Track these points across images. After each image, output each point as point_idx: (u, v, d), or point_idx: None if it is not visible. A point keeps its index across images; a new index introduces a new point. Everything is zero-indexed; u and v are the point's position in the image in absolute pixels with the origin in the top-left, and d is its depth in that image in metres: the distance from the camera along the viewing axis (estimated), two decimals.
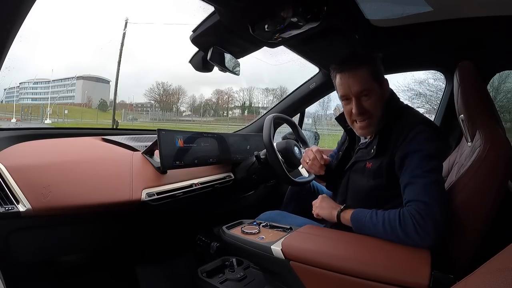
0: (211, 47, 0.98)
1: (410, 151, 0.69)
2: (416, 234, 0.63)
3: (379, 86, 0.78)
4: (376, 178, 0.76)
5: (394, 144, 0.73)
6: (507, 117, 2.18)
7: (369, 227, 0.70)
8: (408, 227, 0.64)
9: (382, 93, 0.79)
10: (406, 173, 0.69)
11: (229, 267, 1.06)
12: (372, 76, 0.76)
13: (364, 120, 0.79)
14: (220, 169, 1.21)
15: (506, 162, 0.65)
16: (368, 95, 0.76)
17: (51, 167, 0.81)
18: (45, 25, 47.39)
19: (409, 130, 0.71)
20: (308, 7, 0.79)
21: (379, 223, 0.68)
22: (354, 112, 0.78)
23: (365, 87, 0.76)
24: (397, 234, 0.65)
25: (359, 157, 0.83)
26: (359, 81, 0.76)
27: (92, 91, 25.26)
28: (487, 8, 0.86)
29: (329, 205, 0.81)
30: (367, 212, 0.72)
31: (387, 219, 0.67)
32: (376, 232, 0.68)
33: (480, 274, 0.34)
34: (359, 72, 0.76)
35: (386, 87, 0.81)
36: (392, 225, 0.66)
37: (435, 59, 1.32)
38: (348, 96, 0.78)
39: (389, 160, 0.73)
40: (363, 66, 0.76)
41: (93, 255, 1.01)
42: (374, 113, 0.78)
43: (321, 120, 12.56)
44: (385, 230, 0.67)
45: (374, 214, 0.70)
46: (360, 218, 0.72)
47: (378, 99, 0.78)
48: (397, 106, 0.81)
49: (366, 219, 0.70)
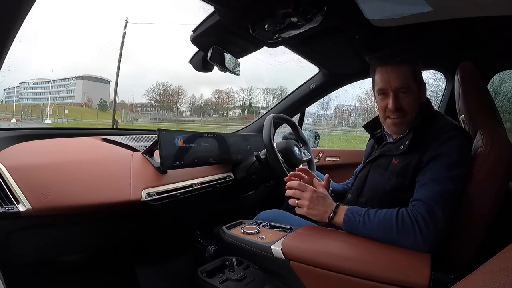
0: (211, 47, 0.99)
1: (439, 154, 0.68)
2: (414, 236, 0.62)
3: (418, 87, 0.77)
4: (399, 176, 0.73)
5: (426, 145, 0.71)
6: (507, 117, 2.18)
7: (362, 232, 0.68)
8: (406, 227, 0.63)
9: (420, 95, 0.78)
10: (427, 174, 0.68)
11: (229, 267, 1.06)
12: (413, 76, 0.76)
13: (398, 118, 0.77)
14: (220, 169, 1.21)
15: (507, 162, 0.65)
16: (407, 92, 0.75)
17: (51, 167, 0.81)
18: (45, 25, 47.47)
19: (443, 133, 0.70)
20: (308, 7, 0.79)
21: (374, 228, 0.66)
22: (390, 107, 0.76)
23: (405, 84, 0.75)
24: (392, 233, 0.64)
25: (385, 151, 0.81)
26: (401, 77, 0.75)
27: (92, 91, 25.28)
28: (487, 8, 0.86)
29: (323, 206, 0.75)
30: (359, 215, 0.69)
31: (382, 219, 0.66)
32: (372, 236, 0.67)
33: (480, 274, 0.34)
34: (402, 68, 0.75)
35: (424, 90, 0.79)
36: (387, 224, 0.65)
37: (435, 59, 1.32)
38: (386, 90, 0.77)
39: (418, 160, 0.71)
40: (406, 63, 0.75)
41: (93, 255, 1.01)
42: (409, 112, 0.76)
43: (321, 120, 12.45)
44: (379, 232, 0.66)
45: (367, 219, 0.68)
46: (352, 222, 0.70)
47: (415, 99, 0.76)
48: (432, 111, 0.80)
49: (359, 226, 0.68)
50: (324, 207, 0.75)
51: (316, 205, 0.75)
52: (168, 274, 1.16)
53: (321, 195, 0.76)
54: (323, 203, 0.75)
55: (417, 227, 0.62)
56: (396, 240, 0.64)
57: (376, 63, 0.79)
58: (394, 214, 0.66)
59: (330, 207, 0.74)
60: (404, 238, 0.63)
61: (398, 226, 0.64)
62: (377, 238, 0.67)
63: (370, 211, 0.69)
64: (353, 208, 0.72)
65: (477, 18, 0.90)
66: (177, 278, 1.17)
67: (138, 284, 1.06)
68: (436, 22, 0.95)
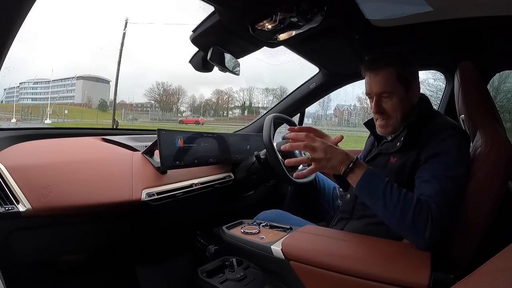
0: (211, 47, 0.99)
1: (437, 152, 0.67)
2: (423, 229, 0.60)
3: (404, 89, 0.76)
4: (397, 175, 0.73)
5: (423, 143, 0.70)
6: (507, 117, 2.18)
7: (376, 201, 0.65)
8: (421, 217, 0.61)
9: (407, 97, 0.77)
10: (427, 171, 0.67)
11: (229, 267, 1.05)
12: (398, 78, 0.75)
13: (383, 120, 0.78)
14: (220, 169, 1.21)
15: (507, 162, 0.65)
16: (389, 96, 0.76)
17: (51, 167, 0.81)
18: (45, 25, 47.39)
19: (440, 132, 0.70)
20: (308, 7, 0.79)
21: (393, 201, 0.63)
22: (372, 110, 0.78)
23: (386, 89, 0.75)
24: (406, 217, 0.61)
25: (383, 150, 0.81)
26: (381, 82, 0.75)
27: (92, 91, 25.25)
28: (487, 8, 0.86)
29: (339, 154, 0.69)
30: (381, 182, 0.65)
31: (403, 196, 0.63)
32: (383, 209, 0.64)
33: (480, 274, 0.34)
34: (383, 72, 0.75)
35: (415, 90, 0.78)
36: (407, 204, 0.62)
37: (435, 59, 1.32)
38: (370, 94, 0.79)
39: (415, 158, 0.71)
40: (389, 67, 0.75)
41: (93, 255, 1.01)
42: (392, 115, 0.77)
43: (321, 120, 12.50)
44: (395, 208, 0.62)
45: (389, 189, 0.64)
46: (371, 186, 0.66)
47: (400, 101, 0.76)
48: (429, 110, 0.80)
49: (379, 191, 0.64)
50: (340, 156, 0.68)
51: (331, 155, 0.68)
52: (168, 274, 1.16)
53: (333, 146, 0.70)
54: (336, 152, 0.69)
55: (430, 223, 0.60)
56: (403, 225, 0.62)
57: (363, 67, 0.80)
58: (416, 197, 0.63)
59: (346, 157, 0.69)
60: (414, 227, 0.61)
61: (415, 212, 0.61)
62: (387, 213, 0.64)
63: (393, 182, 0.66)
64: (375, 170, 0.69)
65: (477, 18, 0.90)
66: (177, 278, 1.17)
67: (138, 284, 1.06)
68: (436, 22, 0.95)
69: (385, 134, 0.82)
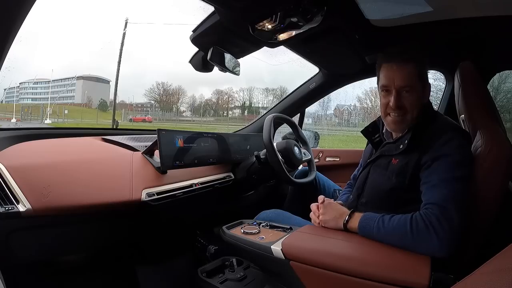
0: (211, 47, 0.99)
1: (441, 155, 0.67)
2: (429, 240, 0.60)
3: (422, 87, 0.76)
4: (399, 176, 0.73)
5: (426, 145, 0.70)
6: (507, 117, 2.17)
7: (377, 238, 0.67)
8: (421, 232, 0.61)
9: (423, 95, 0.77)
10: (434, 175, 0.67)
11: (229, 267, 1.05)
12: (418, 75, 0.75)
13: (399, 116, 0.77)
14: (220, 169, 1.21)
15: (507, 162, 0.65)
16: (410, 91, 0.75)
17: (51, 167, 0.81)
18: (44, 25, 47.35)
19: (442, 134, 0.70)
20: (308, 7, 0.79)
21: (388, 233, 0.65)
22: (392, 105, 0.76)
23: (409, 83, 0.75)
24: (407, 239, 0.63)
25: (385, 151, 0.81)
26: (405, 75, 0.74)
27: (92, 91, 25.23)
28: (487, 8, 0.86)
29: (334, 214, 0.77)
30: (374, 221, 0.68)
31: (396, 224, 0.65)
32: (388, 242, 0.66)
33: (480, 274, 0.34)
34: (407, 66, 0.75)
35: (428, 91, 0.79)
36: (402, 230, 0.64)
37: (435, 59, 1.32)
38: (389, 87, 0.76)
39: (417, 160, 0.71)
40: (412, 62, 0.75)
41: (93, 255, 1.01)
42: (410, 111, 0.76)
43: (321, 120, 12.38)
44: (394, 238, 0.65)
45: (381, 224, 0.67)
46: (367, 228, 0.69)
47: (418, 99, 0.76)
48: (432, 111, 0.80)
49: (374, 231, 0.67)
50: (337, 212, 0.77)
51: (329, 211, 0.77)
52: (168, 274, 1.16)
53: (331, 202, 0.81)
54: (335, 208, 0.78)
55: (432, 230, 0.60)
56: (412, 246, 0.63)
57: (382, 59, 0.79)
58: (408, 219, 0.64)
59: (344, 212, 0.75)
60: (420, 243, 0.62)
61: (412, 231, 0.62)
62: (393, 244, 0.65)
63: (385, 217, 0.68)
64: (368, 214, 0.72)
65: (477, 18, 0.90)
66: (177, 278, 1.17)
67: (138, 284, 1.06)
68: (436, 22, 0.95)
69: (396, 131, 0.81)
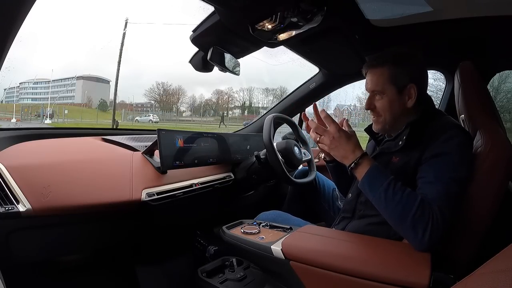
0: (211, 47, 0.98)
1: (440, 152, 0.66)
2: (422, 230, 0.60)
3: (396, 91, 0.74)
4: (399, 175, 0.70)
5: (426, 142, 0.69)
6: (507, 117, 2.18)
7: (378, 197, 0.65)
8: (422, 218, 0.60)
9: (400, 99, 0.75)
10: (431, 172, 0.66)
11: (229, 267, 1.05)
12: (389, 79, 0.74)
13: (374, 116, 0.79)
14: (220, 169, 1.21)
15: (507, 163, 0.65)
16: (380, 95, 0.76)
17: (51, 167, 0.81)
18: (44, 25, 47.36)
19: (443, 132, 0.69)
20: (308, 7, 0.79)
21: (396, 199, 0.63)
22: (364, 105, 0.80)
23: (376, 88, 0.76)
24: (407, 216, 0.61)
25: (385, 149, 0.80)
26: (373, 80, 0.77)
27: (92, 91, 25.22)
28: (487, 8, 0.86)
29: (345, 147, 0.70)
30: (384, 180, 0.65)
31: (406, 196, 0.63)
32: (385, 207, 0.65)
33: (480, 274, 0.34)
34: (376, 71, 0.76)
35: (411, 94, 0.74)
36: (409, 203, 0.62)
37: (435, 59, 1.32)
38: (367, 90, 0.80)
39: (417, 159, 0.70)
40: (383, 65, 0.75)
41: (93, 255, 1.01)
42: (382, 114, 0.77)
43: None
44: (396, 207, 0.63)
45: (392, 186, 0.64)
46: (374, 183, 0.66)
47: (390, 103, 0.75)
48: (432, 109, 0.79)
49: (381, 189, 0.65)
50: (348, 147, 0.70)
51: (339, 144, 0.70)
52: (168, 274, 1.16)
53: (346, 134, 0.71)
54: (346, 142, 0.70)
55: (430, 224, 0.60)
56: (403, 225, 0.62)
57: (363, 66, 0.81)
58: (419, 198, 0.62)
59: (354, 152, 0.70)
60: (413, 228, 0.61)
61: (416, 213, 0.61)
62: (388, 212, 0.64)
63: (398, 181, 0.65)
64: (380, 167, 0.69)
65: (477, 18, 0.90)
66: (177, 278, 1.17)
67: (138, 284, 1.06)
68: (436, 22, 0.95)
69: (377, 131, 0.82)
